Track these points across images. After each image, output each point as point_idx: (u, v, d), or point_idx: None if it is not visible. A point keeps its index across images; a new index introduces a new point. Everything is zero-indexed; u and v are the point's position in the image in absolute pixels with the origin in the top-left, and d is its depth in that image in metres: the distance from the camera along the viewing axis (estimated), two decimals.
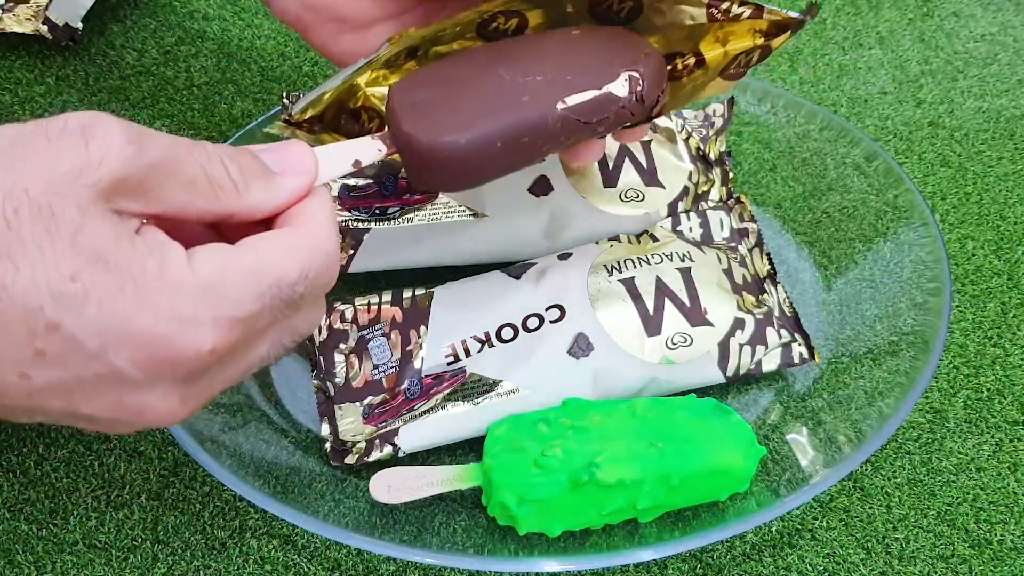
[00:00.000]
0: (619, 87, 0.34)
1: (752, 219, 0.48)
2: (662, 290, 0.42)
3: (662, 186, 0.48)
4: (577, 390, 0.40)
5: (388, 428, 0.40)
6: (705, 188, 0.49)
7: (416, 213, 0.46)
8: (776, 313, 0.44)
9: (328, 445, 0.41)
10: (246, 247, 0.26)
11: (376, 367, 0.42)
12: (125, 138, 0.24)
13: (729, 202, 0.49)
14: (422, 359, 0.41)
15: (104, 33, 0.61)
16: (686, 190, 0.48)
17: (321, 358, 0.43)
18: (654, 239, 0.45)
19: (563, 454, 0.37)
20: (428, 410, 0.40)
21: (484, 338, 0.41)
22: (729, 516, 0.38)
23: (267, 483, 0.38)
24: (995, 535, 0.40)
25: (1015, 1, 0.65)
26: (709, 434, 0.38)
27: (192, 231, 0.28)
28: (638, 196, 0.47)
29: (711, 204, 0.49)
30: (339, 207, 0.47)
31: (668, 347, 0.41)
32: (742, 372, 0.43)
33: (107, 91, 0.58)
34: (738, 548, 0.40)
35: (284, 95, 0.49)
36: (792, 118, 0.52)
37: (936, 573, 0.39)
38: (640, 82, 0.34)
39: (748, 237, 0.47)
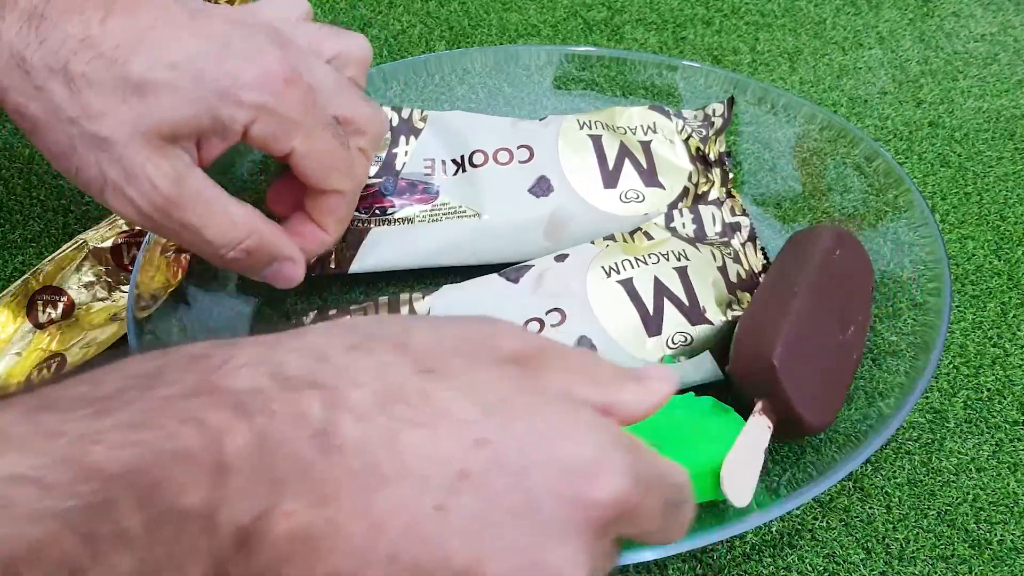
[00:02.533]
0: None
1: (744, 212, 0.48)
2: (661, 290, 0.42)
3: (662, 187, 0.48)
4: None
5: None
6: (705, 188, 0.49)
7: (416, 213, 0.46)
8: None
9: None
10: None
11: None
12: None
13: (720, 196, 0.49)
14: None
15: None
16: (686, 191, 0.48)
17: None
18: (648, 237, 0.45)
19: None
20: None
21: None
22: (729, 516, 0.37)
23: None
24: (995, 535, 0.40)
25: (1015, 1, 0.65)
26: (708, 433, 0.38)
27: None
28: (638, 197, 0.47)
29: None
30: None
31: (668, 347, 0.41)
32: None
33: None
34: (738, 548, 0.40)
35: None
36: (792, 118, 0.52)
37: (936, 573, 0.39)
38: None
39: (741, 231, 0.47)
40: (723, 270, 0.45)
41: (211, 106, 0.33)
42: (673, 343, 0.41)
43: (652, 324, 0.42)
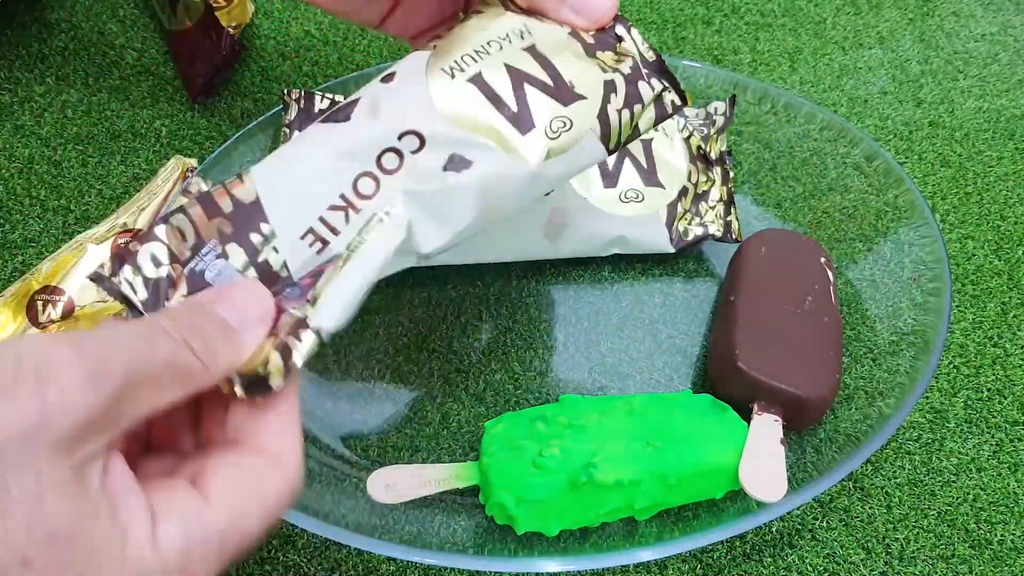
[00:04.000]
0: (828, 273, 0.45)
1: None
2: (519, 79, 0.35)
3: (661, 186, 0.48)
4: (460, 211, 0.34)
5: (292, 320, 0.30)
6: (705, 187, 0.49)
7: None
8: (639, 62, 0.36)
9: (238, 385, 0.28)
10: (215, 503, 0.25)
11: None
12: (85, 376, 0.22)
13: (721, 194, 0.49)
14: (283, 262, 0.32)
15: (104, 33, 0.61)
16: (685, 190, 0.48)
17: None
18: (478, 13, 0.37)
19: (561, 454, 0.37)
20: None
21: (343, 204, 0.32)
22: (729, 516, 0.37)
23: None
24: (995, 535, 0.40)
25: (1015, 1, 0.65)
26: (705, 432, 0.39)
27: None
28: (638, 196, 0.47)
29: None
30: None
31: (549, 137, 0.34)
32: (623, 140, 0.36)
33: (107, 91, 0.58)
34: (738, 548, 0.40)
35: (284, 93, 0.49)
36: (792, 118, 0.52)
37: (936, 573, 0.39)
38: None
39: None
40: (574, 34, 0.36)
41: None
42: (553, 131, 0.34)
43: (522, 120, 0.34)
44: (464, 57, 0.35)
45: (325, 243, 0.32)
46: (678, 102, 0.36)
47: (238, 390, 0.28)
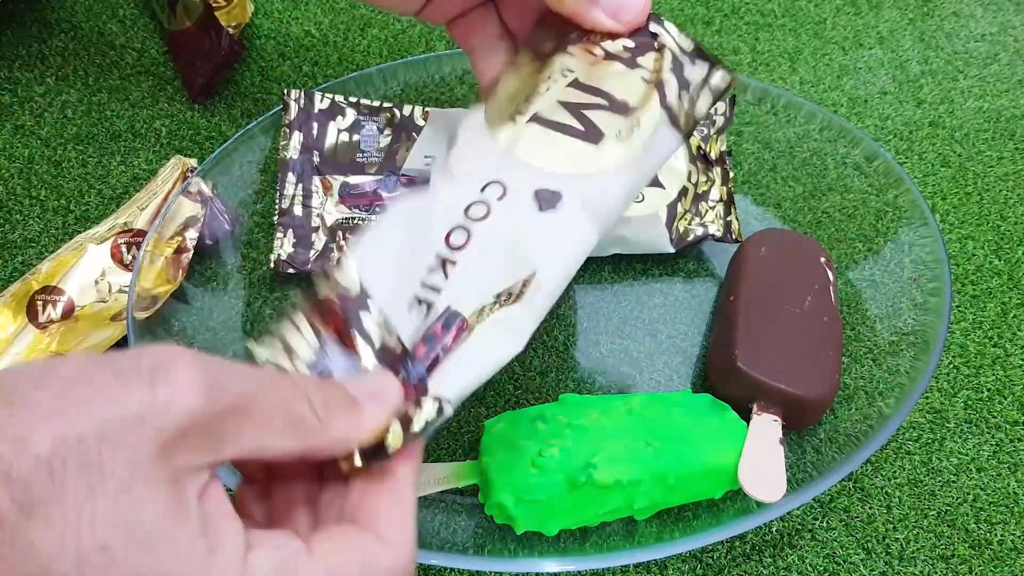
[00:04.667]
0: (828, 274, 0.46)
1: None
2: (576, 108, 0.35)
3: (662, 186, 0.48)
4: (579, 242, 0.33)
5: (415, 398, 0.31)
6: (705, 188, 0.49)
7: None
8: (678, 52, 0.36)
9: (357, 455, 0.28)
10: (316, 555, 0.24)
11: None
12: (198, 381, 0.22)
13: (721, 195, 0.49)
14: (397, 337, 0.32)
15: (104, 33, 0.61)
16: (684, 190, 0.48)
17: None
18: (514, 68, 0.38)
19: (560, 454, 0.37)
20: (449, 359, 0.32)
21: (438, 263, 0.33)
22: (729, 516, 0.37)
23: None
24: (995, 535, 0.40)
25: (1015, 1, 0.65)
26: (705, 432, 0.39)
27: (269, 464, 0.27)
28: (638, 197, 0.47)
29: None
30: (339, 204, 0.47)
31: (622, 142, 0.35)
32: (693, 122, 0.36)
33: (107, 91, 0.58)
34: (738, 548, 0.40)
35: (284, 93, 0.49)
36: (792, 118, 0.52)
37: (936, 573, 0.39)
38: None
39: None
40: (611, 55, 0.37)
41: None
42: (623, 136, 0.34)
43: (591, 134, 0.34)
44: (519, 106, 0.35)
45: (430, 305, 0.32)
46: (727, 77, 0.36)
47: (357, 459, 0.27)
